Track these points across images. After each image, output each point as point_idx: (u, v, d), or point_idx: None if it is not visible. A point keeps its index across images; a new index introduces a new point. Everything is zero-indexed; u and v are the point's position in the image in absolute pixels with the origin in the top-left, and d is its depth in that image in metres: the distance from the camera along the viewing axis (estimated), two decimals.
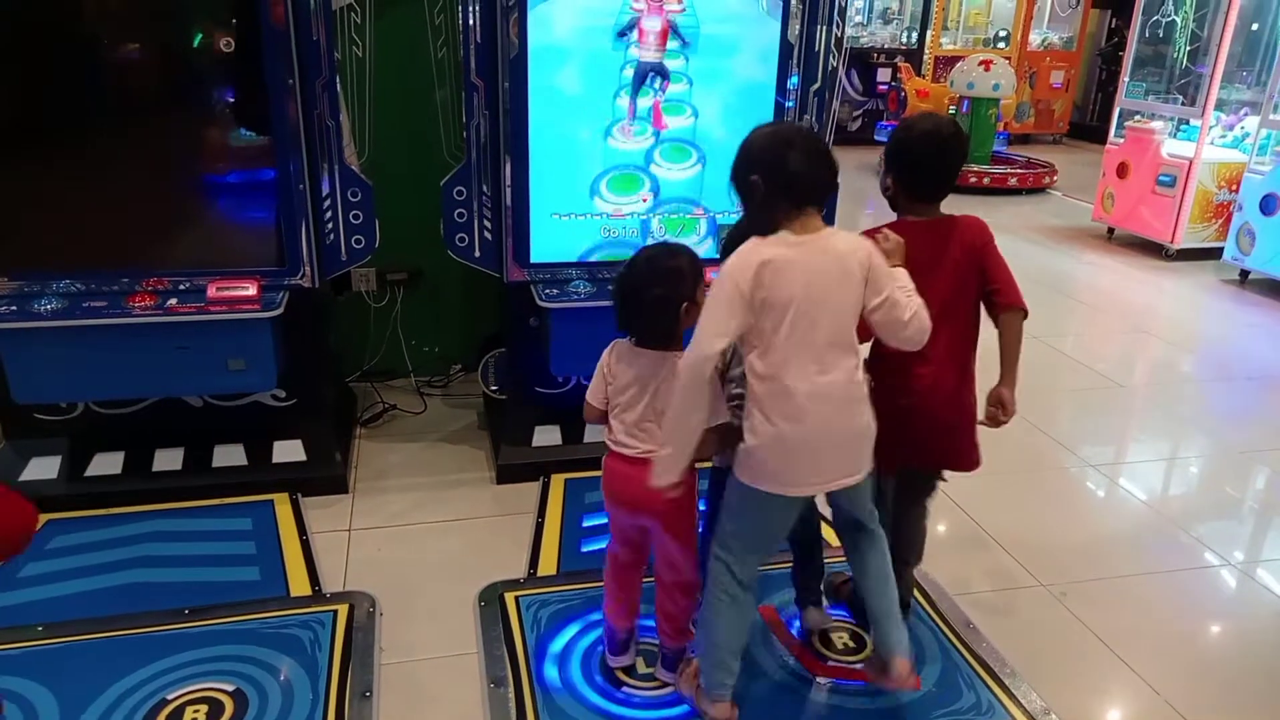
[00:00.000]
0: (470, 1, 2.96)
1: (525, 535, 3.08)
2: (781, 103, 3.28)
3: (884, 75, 12.25)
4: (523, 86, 3.03)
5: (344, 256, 3.19)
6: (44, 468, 3.18)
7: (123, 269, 2.99)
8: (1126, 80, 7.64)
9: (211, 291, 2.96)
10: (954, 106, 10.03)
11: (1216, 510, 3.59)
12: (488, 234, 3.24)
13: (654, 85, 3.16)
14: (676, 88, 3.19)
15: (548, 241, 3.24)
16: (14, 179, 2.90)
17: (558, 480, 3.38)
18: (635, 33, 3.09)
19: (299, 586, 2.79)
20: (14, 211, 2.93)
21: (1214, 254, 6.83)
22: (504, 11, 2.94)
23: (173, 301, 2.94)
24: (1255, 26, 7.00)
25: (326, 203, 3.09)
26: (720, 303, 1.95)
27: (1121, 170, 7.36)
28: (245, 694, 2.33)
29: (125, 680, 2.35)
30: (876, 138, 10.88)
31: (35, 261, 2.95)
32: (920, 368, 2.34)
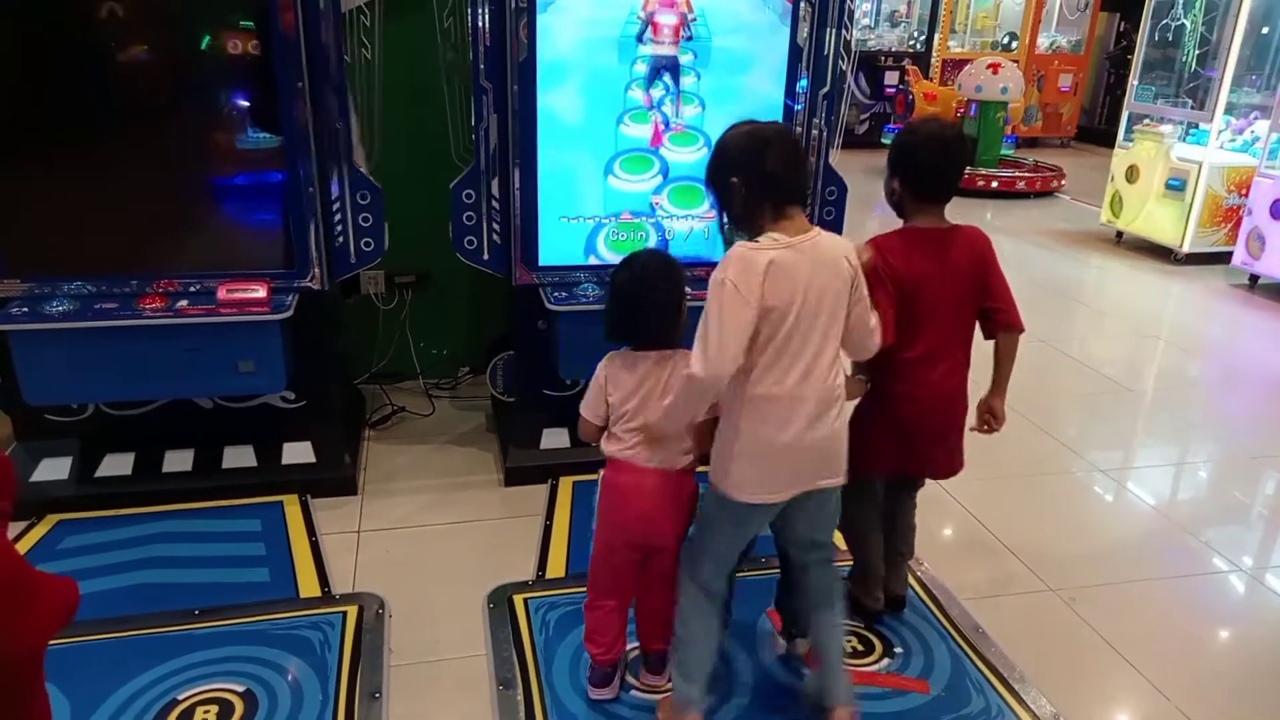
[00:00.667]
0: (480, 4, 2.97)
1: (534, 538, 3.08)
2: (790, 105, 3.28)
3: (892, 78, 12.25)
4: (532, 89, 3.04)
5: (353, 259, 3.20)
6: (55, 468, 3.19)
7: (133, 271, 3.00)
8: (1135, 84, 7.62)
9: (221, 294, 2.97)
10: (962, 110, 10.03)
11: (1225, 515, 3.57)
12: (496, 237, 3.25)
13: (664, 80, 3.17)
14: (686, 81, 3.21)
15: (556, 244, 3.25)
16: (26, 181, 2.92)
17: (566, 483, 3.38)
18: (650, 29, 3.10)
19: (308, 588, 2.80)
20: (26, 213, 2.94)
21: (1223, 259, 6.81)
22: (513, 14, 2.95)
23: (183, 303, 2.95)
24: (1265, 30, 6.98)
25: (336, 205, 3.10)
26: (731, 316, 1.87)
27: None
28: (255, 695, 2.34)
29: (136, 680, 2.36)
30: (884, 141, 10.87)
31: (47, 263, 2.97)
32: (928, 374, 2.38)
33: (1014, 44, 12.88)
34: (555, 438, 3.51)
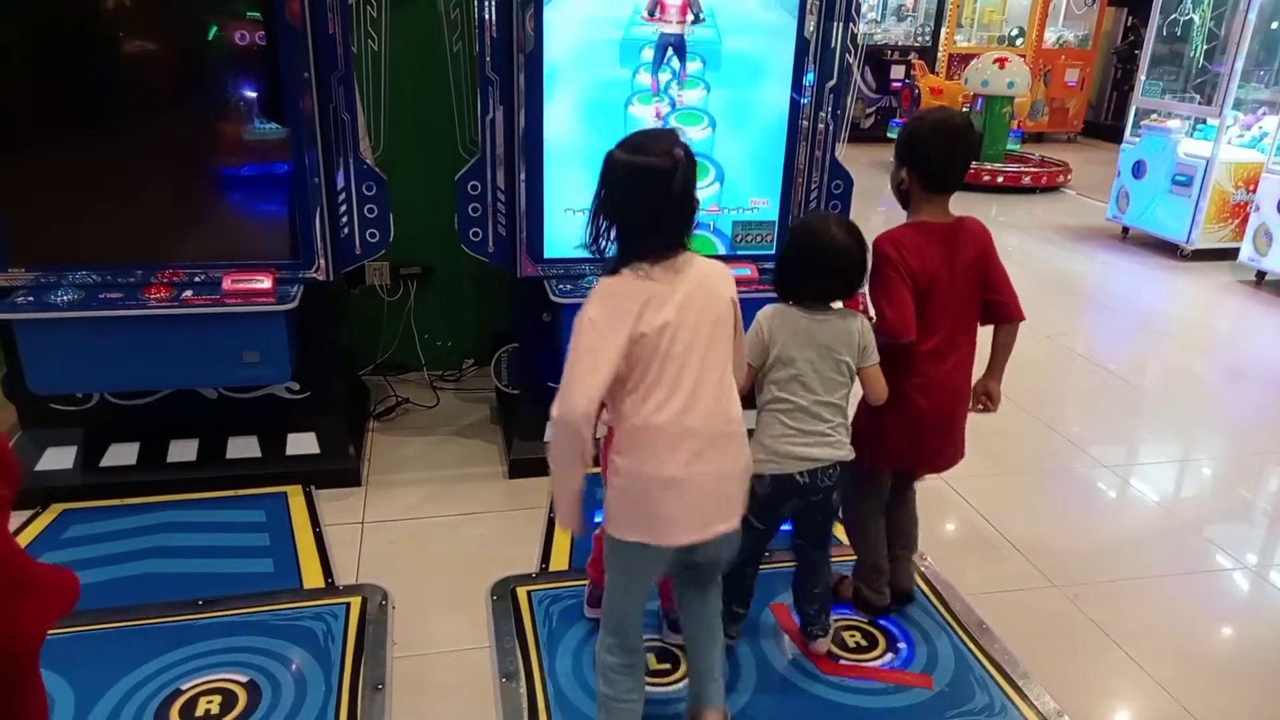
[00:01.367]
0: None
1: (537, 530, 3.08)
2: (797, 99, 3.27)
3: (898, 72, 12.23)
4: (538, 81, 3.03)
5: (358, 250, 3.20)
6: (59, 458, 3.20)
7: (138, 261, 3.00)
8: (1143, 79, 7.59)
9: (226, 284, 2.97)
10: (968, 104, 9.99)
11: (1230, 512, 3.57)
12: (501, 229, 3.25)
13: (670, 64, 3.16)
14: (692, 66, 3.20)
15: (561, 236, 3.24)
16: (31, 171, 2.92)
17: None
18: (658, 8, 3.10)
19: (312, 579, 2.80)
20: (32, 203, 2.94)
21: (1230, 254, 6.79)
22: (520, 6, 2.94)
23: (188, 294, 2.95)
24: (1275, 25, 6.95)
25: (341, 196, 3.10)
26: (589, 353, 1.80)
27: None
28: (259, 685, 2.34)
29: (140, 670, 2.37)
30: (889, 135, 10.84)
31: (52, 253, 2.97)
32: (939, 367, 2.39)
33: (1020, 39, 12.82)
34: None
